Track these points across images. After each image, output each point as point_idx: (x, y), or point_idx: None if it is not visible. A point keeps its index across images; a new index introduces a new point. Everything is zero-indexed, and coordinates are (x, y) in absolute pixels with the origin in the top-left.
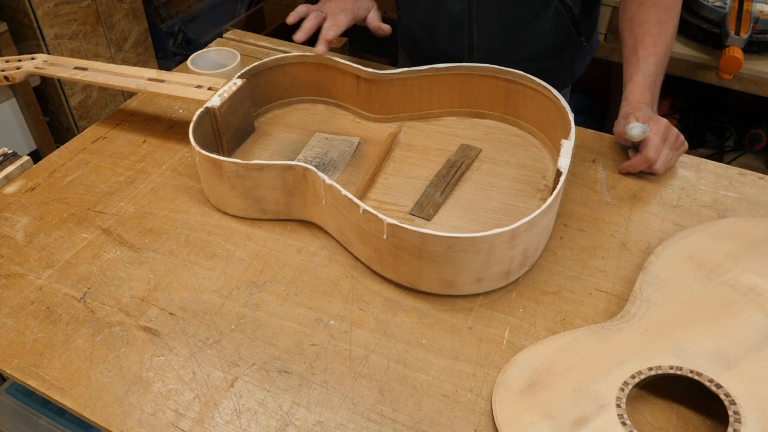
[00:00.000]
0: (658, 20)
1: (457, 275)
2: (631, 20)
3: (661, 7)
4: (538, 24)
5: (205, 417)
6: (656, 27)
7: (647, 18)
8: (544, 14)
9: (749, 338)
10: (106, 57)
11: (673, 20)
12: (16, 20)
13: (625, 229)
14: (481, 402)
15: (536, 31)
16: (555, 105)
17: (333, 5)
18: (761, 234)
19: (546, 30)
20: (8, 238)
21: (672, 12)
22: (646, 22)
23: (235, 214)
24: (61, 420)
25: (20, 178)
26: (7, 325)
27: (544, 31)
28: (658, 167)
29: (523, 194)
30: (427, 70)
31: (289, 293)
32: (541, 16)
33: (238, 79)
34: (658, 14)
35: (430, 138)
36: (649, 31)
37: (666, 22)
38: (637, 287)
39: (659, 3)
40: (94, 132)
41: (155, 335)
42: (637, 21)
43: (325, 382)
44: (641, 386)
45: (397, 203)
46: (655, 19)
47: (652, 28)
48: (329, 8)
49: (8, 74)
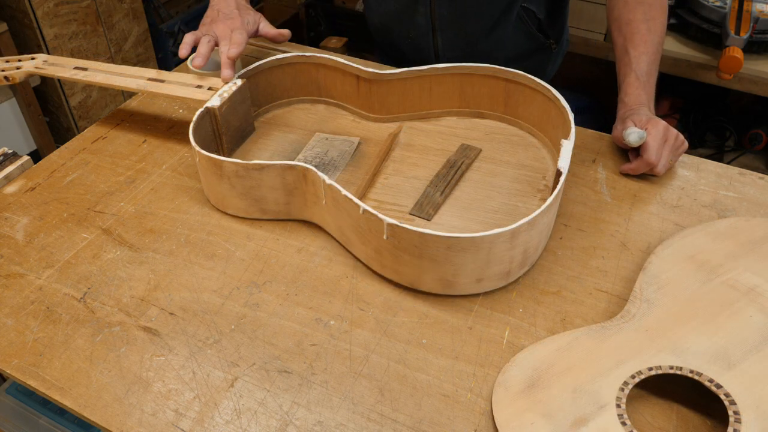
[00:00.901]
0: (645, 18)
1: (457, 275)
2: (618, 19)
3: (647, 4)
4: (500, 32)
5: (205, 417)
6: (644, 25)
7: (634, 17)
8: (504, 22)
9: (749, 338)
10: (106, 57)
11: (661, 16)
12: (16, 20)
13: (625, 229)
14: (481, 402)
15: (499, 39)
16: (555, 105)
17: (221, 27)
18: (761, 234)
19: (509, 37)
20: (8, 238)
21: (658, 8)
22: (633, 21)
23: (235, 214)
24: (61, 420)
25: (20, 178)
26: (7, 325)
27: (507, 38)
28: (659, 170)
29: (523, 194)
30: (427, 70)
31: (289, 293)
32: (502, 25)
33: (238, 79)
34: (644, 12)
35: (430, 138)
36: (637, 29)
37: (654, 19)
38: (637, 287)
39: (644, 0)
40: (94, 132)
41: (155, 335)
42: (624, 20)
43: (325, 382)
44: (641, 386)
45: (397, 203)
46: (642, 17)
47: (640, 26)
48: (218, 31)
49: (8, 74)
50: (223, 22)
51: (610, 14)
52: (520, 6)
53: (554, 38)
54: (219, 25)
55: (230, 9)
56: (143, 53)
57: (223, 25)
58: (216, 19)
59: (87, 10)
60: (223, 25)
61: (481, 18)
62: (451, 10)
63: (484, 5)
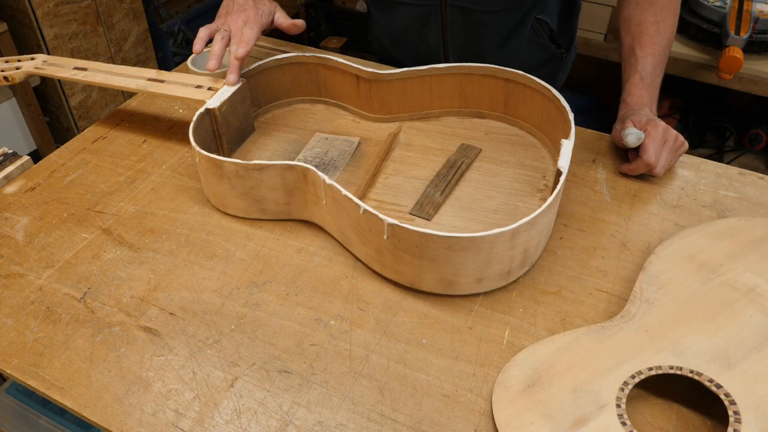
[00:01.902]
0: (656, 20)
1: (458, 275)
2: (628, 19)
3: (658, 6)
4: (513, 44)
5: (205, 417)
6: (653, 26)
7: (644, 18)
8: (518, 35)
9: (749, 338)
10: (106, 57)
11: (671, 19)
12: (16, 20)
13: (625, 229)
14: (481, 402)
15: (512, 52)
16: (555, 105)
17: (235, 20)
18: (761, 234)
19: (522, 49)
20: (8, 238)
21: (670, 11)
22: (644, 22)
23: (235, 214)
24: (61, 420)
25: (20, 178)
26: (7, 325)
27: (520, 50)
28: (657, 171)
29: (523, 194)
30: (427, 70)
31: (289, 293)
32: (515, 38)
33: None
34: (655, 14)
35: (430, 138)
36: (646, 30)
37: (664, 21)
38: (637, 287)
39: (656, 2)
40: (94, 132)
41: (155, 335)
42: (634, 20)
43: (325, 382)
44: (641, 386)
45: (397, 203)
46: (653, 18)
47: (650, 28)
48: (232, 24)
49: (8, 74)
50: (237, 14)
51: (620, 13)
52: (534, 18)
53: (565, 47)
54: (233, 18)
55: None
56: (143, 53)
57: (237, 17)
58: (231, 10)
59: (87, 10)
60: (237, 18)
61: (495, 32)
62: (465, 27)
63: (498, 19)
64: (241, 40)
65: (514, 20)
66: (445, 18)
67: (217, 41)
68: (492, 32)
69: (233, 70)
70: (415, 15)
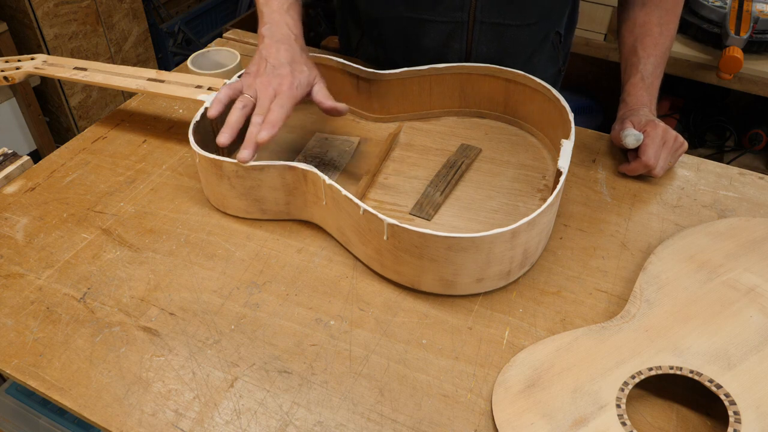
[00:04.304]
0: (660, 21)
1: (458, 275)
2: (631, 20)
3: (664, 8)
4: (534, 61)
5: (205, 417)
6: (657, 28)
7: (649, 19)
8: (539, 52)
9: (749, 338)
10: (106, 57)
11: (674, 22)
12: (16, 20)
13: (625, 229)
14: (481, 402)
15: (531, 69)
16: (555, 105)
17: (264, 86)
18: (761, 234)
19: (541, 64)
20: (8, 238)
21: (674, 14)
22: (648, 23)
23: (235, 214)
24: (61, 420)
25: (20, 178)
26: (7, 325)
27: (539, 66)
28: (657, 172)
29: (523, 194)
30: (426, 70)
31: (289, 293)
32: (537, 55)
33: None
34: (660, 16)
35: (430, 138)
36: (650, 31)
37: (667, 24)
38: (637, 287)
39: (662, 5)
40: (94, 132)
41: (155, 335)
42: (639, 21)
43: (325, 382)
44: (641, 386)
45: (397, 203)
46: (657, 20)
47: (654, 29)
48: (260, 91)
49: (8, 74)
50: (268, 79)
51: (623, 13)
52: (554, 31)
53: (562, 60)
54: (262, 83)
55: (281, 60)
56: (143, 53)
57: (267, 85)
58: (261, 72)
59: (87, 10)
60: (267, 86)
61: (522, 49)
62: (491, 45)
63: (528, 33)
64: (267, 119)
65: (543, 33)
66: (471, 37)
67: (237, 110)
68: (519, 49)
69: (249, 145)
70: (437, 35)
